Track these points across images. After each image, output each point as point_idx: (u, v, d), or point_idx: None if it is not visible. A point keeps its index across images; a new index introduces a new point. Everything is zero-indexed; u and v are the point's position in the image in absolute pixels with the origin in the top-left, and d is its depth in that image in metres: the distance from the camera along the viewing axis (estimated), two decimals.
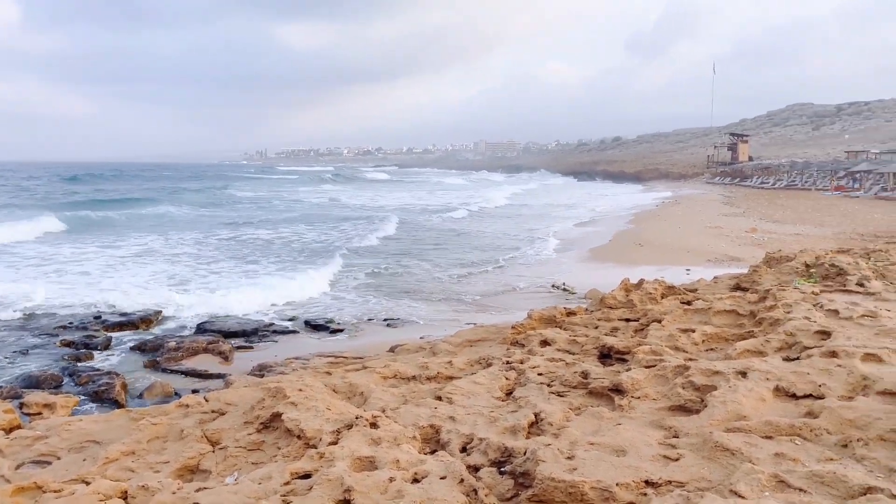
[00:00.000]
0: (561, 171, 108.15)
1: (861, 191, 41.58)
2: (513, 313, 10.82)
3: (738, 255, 17.09)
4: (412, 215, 32.51)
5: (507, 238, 23.39)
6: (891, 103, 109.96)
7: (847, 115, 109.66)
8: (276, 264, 16.70)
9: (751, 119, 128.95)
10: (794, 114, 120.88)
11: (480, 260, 17.95)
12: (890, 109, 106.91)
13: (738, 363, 4.58)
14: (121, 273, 15.23)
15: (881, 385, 4.00)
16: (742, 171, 64.99)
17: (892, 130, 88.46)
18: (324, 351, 9.03)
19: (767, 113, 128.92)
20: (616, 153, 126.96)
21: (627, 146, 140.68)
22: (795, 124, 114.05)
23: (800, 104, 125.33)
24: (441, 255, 18.78)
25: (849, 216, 28.30)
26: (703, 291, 8.46)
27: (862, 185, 43.26)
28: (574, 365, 5.20)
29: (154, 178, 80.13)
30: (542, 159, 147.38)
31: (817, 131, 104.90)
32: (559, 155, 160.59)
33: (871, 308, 5.88)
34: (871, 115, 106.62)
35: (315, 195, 52.32)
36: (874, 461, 3.23)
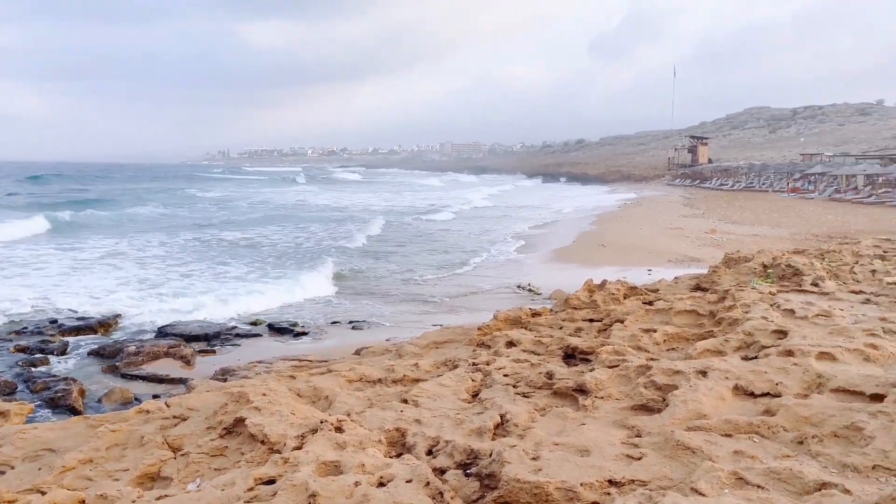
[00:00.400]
0: (526, 173, 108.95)
1: (815, 193, 42.74)
2: (479, 314, 10.86)
3: (697, 256, 17.42)
4: (398, 216, 32.27)
5: (487, 239, 23.53)
6: (843, 108, 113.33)
7: (802, 119, 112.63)
8: (260, 267, 16.38)
9: (710, 122, 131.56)
10: (751, 117, 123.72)
11: (450, 262, 17.98)
12: (842, 113, 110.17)
13: (699, 363, 4.67)
14: (84, 276, 14.84)
15: (835, 383, 4.12)
16: (702, 173, 66.26)
17: (845, 134, 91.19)
18: (288, 354, 8.94)
19: (726, 116, 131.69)
20: (579, 155, 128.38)
21: (590, 148, 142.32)
22: (753, 127, 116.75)
23: (757, 107, 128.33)
24: (430, 258, 18.73)
25: (804, 217, 29.07)
26: (664, 292, 8.60)
27: (816, 187, 44.46)
28: (539, 366, 5.24)
29: (118, 178, 78.17)
30: (508, 161, 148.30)
31: (774, 134, 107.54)
32: (524, 157, 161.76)
33: (826, 307, 6.05)
34: (824, 118, 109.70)
35: (293, 196, 51.93)
36: (828, 457, 3.33)
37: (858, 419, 3.52)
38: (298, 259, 17.66)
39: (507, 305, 10.79)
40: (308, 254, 18.75)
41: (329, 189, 65.33)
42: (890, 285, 7.01)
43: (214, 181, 77.39)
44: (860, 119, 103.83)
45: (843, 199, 38.04)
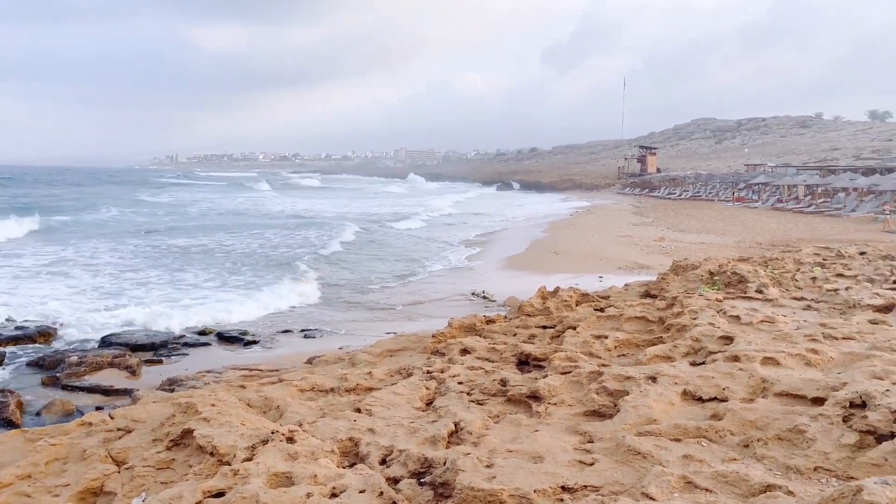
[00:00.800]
0: (480, 181, 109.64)
1: (759, 202, 44.15)
2: (434, 321, 10.85)
3: (647, 263, 17.78)
4: (368, 224, 31.93)
5: (453, 246, 23.53)
6: (785, 120, 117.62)
7: (746, 131, 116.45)
8: (232, 276, 15.97)
9: (659, 132, 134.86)
10: (698, 128, 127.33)
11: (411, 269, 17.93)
12: (784, 126, 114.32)
13: (649, 368, 4.76)
14: (26, 285, 14.23)
15: (779, 387, 4.25)
16: (651, 182, 67.77)
17: (786, 145, 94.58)
18: (238, 364, 8.77)
19: (674, 127, 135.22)
20: (533, 163, 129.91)
21: (543, 157, 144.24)
22: (700, 138, 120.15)
23: (704, 119, 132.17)
24: (400, 265, 18.59)
25: (748, 226, 29.97)
26: (615, 298, 8.74)
27: (760, 196, 45.93)
28: (493, 373, 5.26)
29: (61, 183, 75.10)
30: (462, 168, 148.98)
31: (720, 145, 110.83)
32: (478, 164, 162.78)
33: (769, 314, 6.24)
34: (767, 130, 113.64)
35: (257, 202, 51.11)
36: (773, 460, 3.42)
37: (800, 422, 3.63)
38: (270, 267, 17.28)
39: (461, 313, 10.82)
40: (281, 261, 18.40)
41: (293, 195, 64.36)
42: (829, 292, 7.27)
43: (170, 186, 75.19)
44: (800, 131, 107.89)
45: (784, 209, 39.38)
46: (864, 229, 27.28)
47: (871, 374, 4.24)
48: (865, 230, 26.85)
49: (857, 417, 3.57)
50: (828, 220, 32.30)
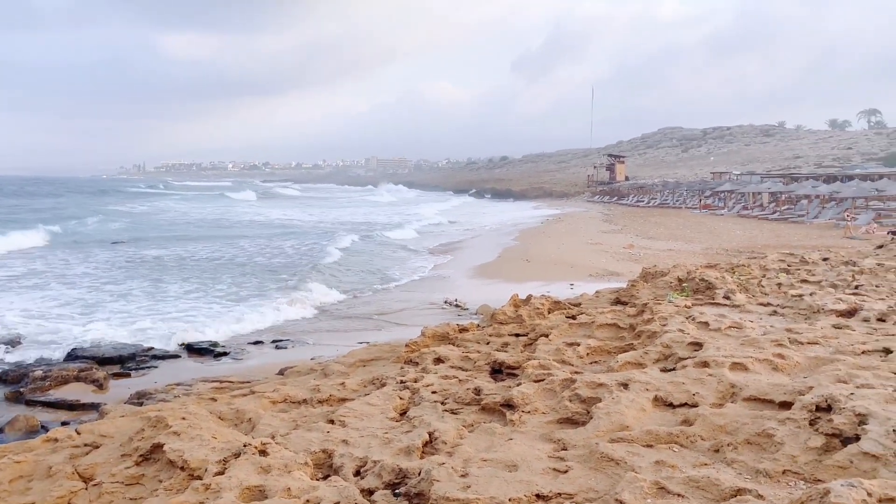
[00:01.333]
0: (452, 189, 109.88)
1: (725, 209, 44.97)
2: (407, 330, 10.83)
3: (617, 270, 17.98)
4: (363, 232, 31.68)
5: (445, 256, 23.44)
6: (749, 129, 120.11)
7: (712, 139, 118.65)
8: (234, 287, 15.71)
9: (627, 141, 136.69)
10: (665, 136, 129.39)
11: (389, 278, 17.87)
12: (748, 134, 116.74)
13: (620, 375, 4.81)
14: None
15: (747, 392, 4.32)
16: (619, 190, 68.60)
17: (751, 153, 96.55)
18: (208, 376, 8.64)
19: (642, 135, 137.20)
20: (503, 172, 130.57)
21: (514, 165, 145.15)
22: (667, 146, 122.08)
23: (670, 128, 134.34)
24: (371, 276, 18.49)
25: (715, 233, 30.49)
26: (586, 305, 8.82)
27: (726, 203, 46.79)
28: (467, 381, 5.27)
29: (31, 193, 72.67)
30: (434, 177, 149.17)
31: (686, 153, 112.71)
32: (450, 173, 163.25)
33: (737, 319, 6.35)
34: (732, 139, 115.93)
35: (246, 212, 50.53)
36: (742, 464, 3.48)
37: (769, 426, 3.70)
38: (274, 277, 17.11)
39: (434, 321, 10.80)
40: (285, 270, 18.22)
41: (282, 205, 63.46)
42: (794, 298, 7.43)
43: (152, 197, 73.18)
44: (764, 140, 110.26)
45: (750, 216, 40.17)
46: (826, 235, 27.95)
47: (835, 377, 4.34)
48: (828, 236, 27.51)
49: (823, 421, 3.65)
50: (792, 227, 33.03)
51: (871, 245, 16.33)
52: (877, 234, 25.80)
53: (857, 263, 9.86)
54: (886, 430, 3.34)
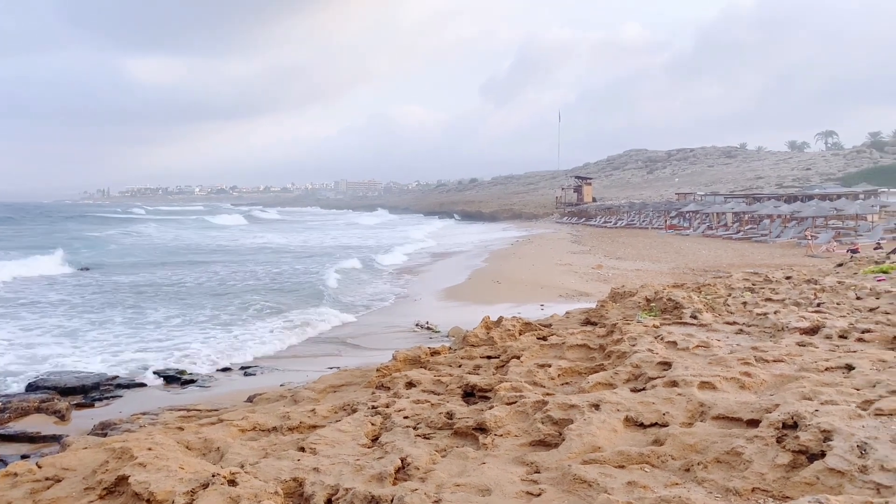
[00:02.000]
0: (422, 212, 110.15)
1: (690, 229, 45.75)
2: (378, 354, 10.76)
3: (586, 291, 18.13)
4: (363, 254, 31.54)
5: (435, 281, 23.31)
6: (712, 150, 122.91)
7: (676, 161, 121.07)
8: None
9: (593, 163, 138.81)
10: (630, 158, 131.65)
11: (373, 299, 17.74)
12: (711, 156, 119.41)
13: (592, 396, 4.83)
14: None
15: (716, 410, 4.38)
16: (587, 211, 69.42)
17: (714, 175, 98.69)
18: (175, 404, 8.46)
19: (608, 157, 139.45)
20: (473, 194, 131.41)
21: (483, 187, 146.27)
22: (632, 168, 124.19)
23: (636, 150, 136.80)
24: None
25: (681, 253, 30.98)
26: (556, 326, 8.86)
27: (691, 224, 47.62)
28: (439, 406, 5.24)
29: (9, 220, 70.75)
30: (404, 199, 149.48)
31: (651, 175, 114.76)
32: (420, 195, 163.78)
33: (704, 339, 6.44)
34: (695, 160, 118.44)
35: (236, 236, 49.88)
36: (713, 483, 3.51)
37: (737, 444, 3.75)
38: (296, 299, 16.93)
39: (406, 344, 10.76)
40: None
41: (274, 229, 62.67)
42: (759, 316, 7.57)
43: (130, 222, 71.19)
44: (726, 161, 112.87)
45: (714, 235, 40.91)
46: (788, 254, 28.59)
47: (800, 394, 4.42)
48: (790, 255, 28.14)
49: (789, 438, 3.70)
50: (755, 246, 33.72)
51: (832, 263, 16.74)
52: (836, 253, 26.48)
53: (818, 282, 10.09)
54: (850, 446, 3.40)
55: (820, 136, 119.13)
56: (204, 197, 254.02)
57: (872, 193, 46.26)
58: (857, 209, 35.74)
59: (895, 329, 6.43)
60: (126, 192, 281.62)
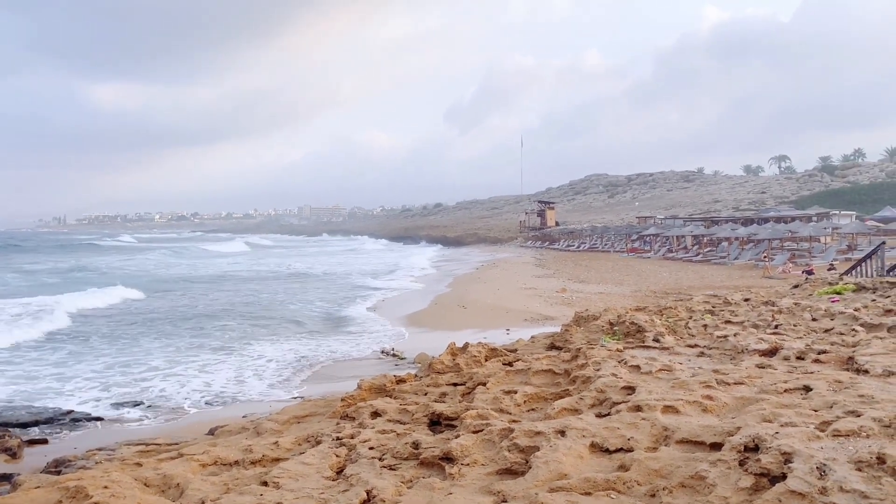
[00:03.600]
0: (387, 236, 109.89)
1: (651, 252, 46.53)
2: (342, 383, 10.63)
3: (551, 314, 18.25)
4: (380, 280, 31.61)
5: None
6: (670, 175, 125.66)
7: (636, 185, 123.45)
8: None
9: (556, 187, 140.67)
10: (592, 183, 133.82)
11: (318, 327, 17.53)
12: (670, 180, 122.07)
13: (557, 422, 4.84)
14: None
15: (679, 435, 4.42)
16: (550, 235, 70.15)
17: (673, 198, 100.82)
18: (133, 438, 8.22)
19: (570, 182, 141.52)
20: (438, 219, 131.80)
21: (448, 212, 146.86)
22: (594, 192, 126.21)
23: (597, 174, 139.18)
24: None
25: (643, 275, 31.45)
26: (522, 351, 8.89)
27: (652, 247, 48.44)
28: (405, 435, 5.19)
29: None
30: (369, 224, 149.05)
31: (612, 199, 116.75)
32: (385, 220, 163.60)
33: (667, 362, 6.52)
34: (655, 184, 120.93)
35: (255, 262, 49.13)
36: None
37: (701, 468, 3.79)
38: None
39: (371, 372, 10.65)
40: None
41: (282, 255, 61.53)
42: (719, 339, 7.70)
43: (130, 251, 69.11)
44: (685, 185, 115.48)
45: (675, 258, 41.67)
46: (747, 276, 29.25)
47: (761, 417, 4.50)
48: (748, 276, 28.79)
49: (751, 461, 3.76)
50: (714, 268, 34.42)
51: (788, 285, 17.14)
52: (792, 274, 27.17)
53: (775, 303, 10.33)
54: (810, 468, 3.47)
55: (774, 161, 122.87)
56: (164, 224, 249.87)
57: (824, 216, 47.77)
58: (811, 231, 36.84)
59: (849, 350, 6.61)
60: (83, 220, 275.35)
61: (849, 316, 8.56)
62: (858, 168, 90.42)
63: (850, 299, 10.62)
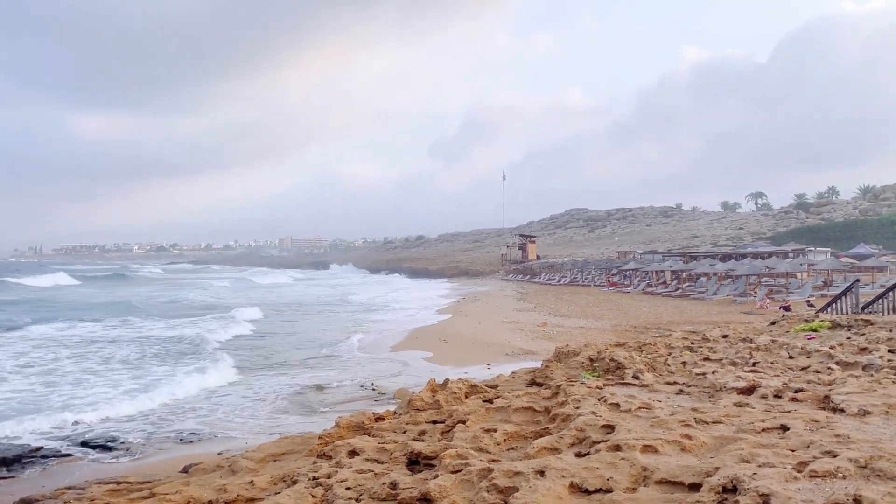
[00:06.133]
0: (368, 268, 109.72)
1: (631, 287, 46.83)
2: (322, 417, 10.50)
3: (532, 349, 18.25)
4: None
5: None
6: (649, 210, 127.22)
7: (616, 220, 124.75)
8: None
9: (537, 221, 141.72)
10: (572, 217, 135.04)
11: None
12: (649, 215, 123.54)
13: (537, 462, 4.81)
14: None
15: (658, 475, 4.41)
16: (532, 268, 70.44)
17: (652, 233, 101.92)
18: (104, 476, 8.01)
19: (551, 216, 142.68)
20: (420, 251, 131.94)
21: (430, 244, 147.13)
22: (574, 227, 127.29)
23: (577, 209, 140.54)
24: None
25: (622, 310, 31.62)
26: (502, 388, 8.84)
27: (631, 281, 48.77)
28: (383, 475, 5.12)
29: None
30: (350, 256, 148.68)
31: (592, 233, 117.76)
32: (366, 252, 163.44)
33: (646, 400, 6.53)
34: (634, 220, 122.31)
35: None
36: None
37: None
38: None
39: (350, 407, 10.56)
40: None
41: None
42: (698, 376, 7.73)
43: (168, 283, 67.82)
44: (664, 220, 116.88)
45: (654, 293, 41.96)
46: (725, 311, 29.50)
47: (739, 457, 4.50)
48: (727, 312, 29.04)
49: (729, 502, 3.75)
50: (693, 303, 34.70)
51: (766, 320, 17.32)
52: (769, 310, 27.47)
53: (753, 340, 10.41)
54: None
55: (750, 197, 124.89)
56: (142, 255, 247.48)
57: (800, 252, 48.49)
58: (787, 267, 37.36)
59: (826, 388, 6.67)
60: (60, 250, 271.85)
61: (825, 354, 8.65)
62: (833, 205, 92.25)
63: (826, 337, 10.74)
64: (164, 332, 23.36)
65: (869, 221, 73.59)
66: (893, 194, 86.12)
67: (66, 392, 13.16)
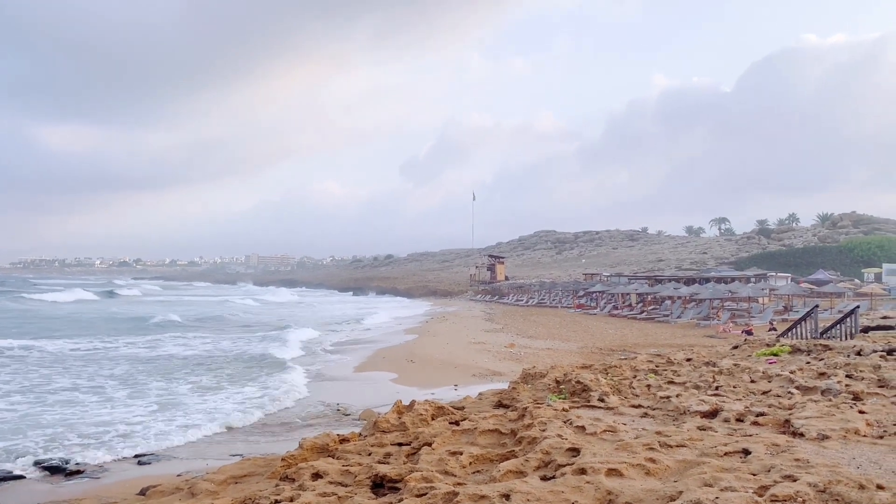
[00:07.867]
0: (337, 287, 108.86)
1: (597, 309, 47.26)
2: (286, 438, 10.33)
3: (499, 370, 18.24)
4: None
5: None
6: (616, 233, 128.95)
7: (583, 242, 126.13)
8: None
9: (506, 242, 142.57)
10: (541, 239, 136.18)
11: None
12: (615, 238, 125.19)
13: (502, 486, 4.79)
14: None
15: (623, 499, 4.43)
16: (500, 289, 70.68)
17: (618, 256, 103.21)
18: (57, 499, 7.77)
19: (519, 237, 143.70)
20: (389, 270, 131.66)
21: (399, 264, 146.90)
22: (542, 248, 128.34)
23: (545, 231, 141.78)
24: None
25: (589, 332, 31.85)
26: (469, 409, 8.81)
27: (598, 303, 49.22)
28: (347, 499, 5.05)
29: None
30: (318, 274, 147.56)
31: (560, 255, 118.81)
32: (334, 270, 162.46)
33: (611, 423, 6.56)
34: (601, 242, 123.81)
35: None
36: None
37: None
38: None
39: (315, 428, 10.41)
40: None
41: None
42: (662, 399, 7.81)
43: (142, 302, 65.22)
44: (630, 244, 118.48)
45: (620, 315, 42.39)
46: (689, 335, 29.90)
47: (702, 481, 4.54)
48: (691, 335, 29.44)
49: None
50: (658, 326, 35.12)
51: (728, 344, 17.60)
52: (732, 333, 27.92)
53: (716, 364, 10.57)
54: None
55: (714, 223, 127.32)
56: (104, 270, 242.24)
57: (762, 277, 49.48)
58: (750, 292, 38.05)
59: (786, 413, 6.78)
60: (17, 264, 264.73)
61: (785, 378, 8.81)
62: (793, 232, 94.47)
63: (787, 361, 10.95)
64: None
65: (828, 248, 75.49)
66: (850, 222, 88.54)
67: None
